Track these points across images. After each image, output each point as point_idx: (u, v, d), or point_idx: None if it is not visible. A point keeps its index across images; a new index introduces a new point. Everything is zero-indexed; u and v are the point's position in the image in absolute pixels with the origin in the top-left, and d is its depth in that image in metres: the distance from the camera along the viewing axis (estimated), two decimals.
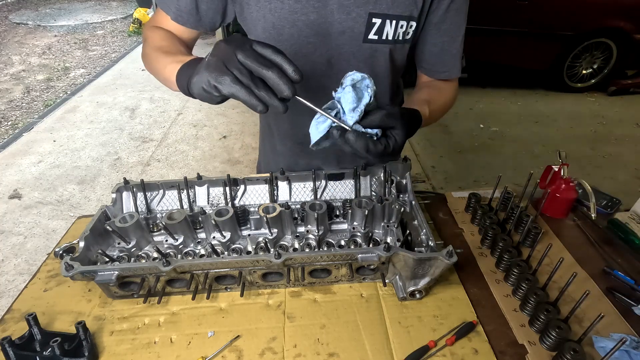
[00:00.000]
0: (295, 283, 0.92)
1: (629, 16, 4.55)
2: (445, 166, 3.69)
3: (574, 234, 1.10)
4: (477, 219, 1.12)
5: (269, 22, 0.95)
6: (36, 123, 4.36)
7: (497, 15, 4.54)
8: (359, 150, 0.71)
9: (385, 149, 0.73)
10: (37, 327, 0.77)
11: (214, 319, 0.86)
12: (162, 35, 0.99)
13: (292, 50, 0.98)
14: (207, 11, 0.98)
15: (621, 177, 3.55)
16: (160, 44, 0.96)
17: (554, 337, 0.75)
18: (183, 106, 4.73)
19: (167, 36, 0.99)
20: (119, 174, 3.51)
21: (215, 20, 1.01)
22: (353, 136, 0.70)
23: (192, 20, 0.99)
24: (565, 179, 1.12)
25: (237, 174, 1.07)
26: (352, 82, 0.74)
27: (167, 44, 0.96)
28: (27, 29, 7.69)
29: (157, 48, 0.95)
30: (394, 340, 0.80)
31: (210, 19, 1.00)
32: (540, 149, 3.94)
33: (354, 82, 0.74)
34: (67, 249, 0.98)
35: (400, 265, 0.85)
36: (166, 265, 0.81)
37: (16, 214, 3.04)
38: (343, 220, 1.04)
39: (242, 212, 1.01)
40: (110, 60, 6.21)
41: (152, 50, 0.95)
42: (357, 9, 0.92)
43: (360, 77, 0.74)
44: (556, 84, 5.11)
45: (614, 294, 0.91)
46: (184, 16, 0.98)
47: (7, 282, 2.46)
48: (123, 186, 1.03)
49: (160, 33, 1.00)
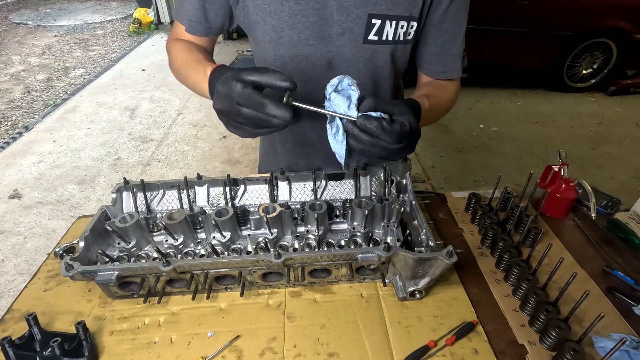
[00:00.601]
0: (295, 283, 0.92)
1: (628, 16, 4.55)
2: (445, 166, 3.68)
3: (574, 234, 1.10)
4: (477, 219, 1.12)
5: (268, 25, 0.95)
6: (36, 123, 4.36)
7: (497, 15, 4.54)
8: (376, 130, 0.69)
9: (401, 127, 0.71)
10: (37, 327, 0.77)
11: (214, 319, 0.86)
12: (181, 47, 1.04)
13: (292, 53, 0.98)
14: (215, 18, 1.01)
15: (621, 177, 3.55)
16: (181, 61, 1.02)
17: (554, 337, 0.75)
18: (183, 106, 4.73)
19: (185, 47, 1.04)
20: (119, 174, 3.51)
21: (224, 25, 1.04)
22: (364, 119, 0.69)
23: (203, 28, 1.03)
24: (565, 179, 1.12)
25: (237, 174, 1.07)
26: (332, 88, 0.75)
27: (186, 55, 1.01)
28: (27, 29, 7.69)
29: (181, 64, 1.02)
30: (394, 340, 0.80)
31: (219, 25, 1.04)
32: (540, 149, 3.94)
33: (334, 88, 0.75)
34: (67, 249, 0.98)
35: (400, 265, 0.85)
36: (166, 265, 0.81)
37: (16, 214, 3.04)
38: (343, 220, 1.04)
39: (242, 212, 1.01)
40: (110, 60, 6.21)
41: (179, 67, 1.03)
42: (357, 10, 0.92)
43: (337, 80, 0.76)
44: (556, 84, 5.11)
45: (614, 294, 0.91)
46: (194, 26, 1.03)
47: (7, 282, 2.46)
48: (123, 186, 1.03)
49: (179, 46, 1.05)
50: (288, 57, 0.99)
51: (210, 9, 0.99)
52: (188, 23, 1.03)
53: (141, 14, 7.49)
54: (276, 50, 0.99)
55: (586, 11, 4.52)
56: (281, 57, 1.00)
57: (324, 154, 1.19)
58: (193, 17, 1.01)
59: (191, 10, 1.00)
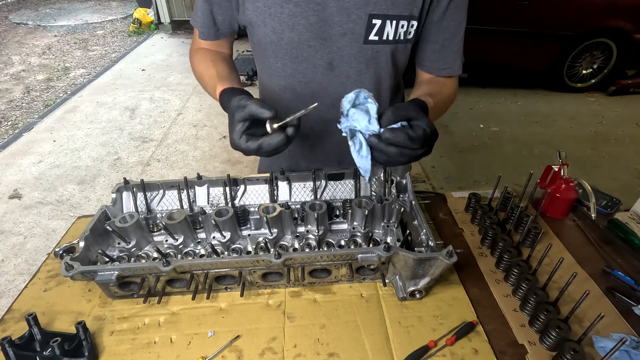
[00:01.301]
0: (295, 283, 0.92)
1: (629, 16, 4.55)
2: (445, 166, 3.68)
3: (574, 234, 1.10)
4: (477, 219, 1.12)
5: (268, 27, 0.95)
6: (36, 123, 4.36)
7: (497, 15, 4.54)
8: (403, 142, 0.72)
9: (424, 132, 0.74)
10: (37, 327, 0.77)
11: (214, 319, 0.86)
12: (199, 58, 1.09)
13: (293, 54, 0.98)
14: (222, 22, 1.04)
15: (621, 177, 3.55)
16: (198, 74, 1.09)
17: (554, 337, 0.75)
18: (183, 106, 4.73)
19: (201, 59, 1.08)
20: (119, 174, 3.51)
21: (233, 27, 1.07)
22: (390, 133, 0.72)
23: (212, 33, 1.06)
24: (565, 179, 1.12)
25: (237, 174, 1.07)
26: (350, 104, 0.76)
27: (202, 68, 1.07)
28: (27, 29, 7.69)
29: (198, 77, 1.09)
30: (394, 340, 0.80)
31: (227, 28, 1.06)
32: (540, 149, 3.94)
33: (352, 104, 0.76)
34: (67, 249, 0.98)
35: (400, 265, 0.85)
36: (166, 265, 0.81)
37: (16, 214, 3.04)
38: (343, 220, 1.04)
39: (242, 212, 1.01)
40: (110, 60, 6.21)
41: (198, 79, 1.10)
42: (357, 10, 0.92)
43: (354, 95, 0.76)
44: (556, 84, 5.11)
45: (614, 294, 0.91)
46: (205, 32, 1.07)
47: (7, 282, 2.46)
48: (123, 186, 1.03)
49: (197, 57, 1.10)
50: (288, 59, 1.00)
51: (218, 13, 1.02)
52: (200, 30, 1.07)
53: (141, 14, 7.49)
54: (277, 52, 0.99)
55: (586, 11, 4.52)
56: (282, 58, 1.00)
57: (324, 154, 1.19)
58: (203, 23, 1.05)
59: (201, 17, 1.04)
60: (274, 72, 1.04)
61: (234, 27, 1.06)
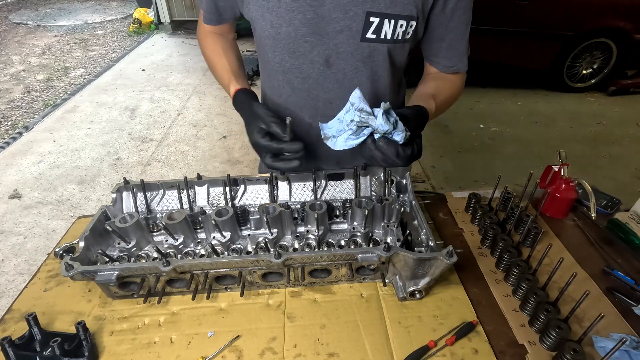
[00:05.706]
0: (295, 283, 0.92)
1: (628, 16, 4.55)
2: (445, 166, 3.68)
3: (574, 234, 1.10)
4: (477, 219, 1.12)
5: (267, 21, 0.96)
6: (36, 123, 4.36)
7: (497, 15, 4.53)
8: (391, 155, 0.81)
9: (412, 152, 0.83)
10: (37, 327, 0.77)
11: (214, 319, 0.86)
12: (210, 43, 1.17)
13: (290, 49, 0.99)
14: (224, 8, 1.10)
15: (621, 177, 3.55)
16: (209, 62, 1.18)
17: (554, 337, 0.75)
18: (183, 106, 4.73)
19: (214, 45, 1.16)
20: (119, 174, 3.51)
21: (235, 14, 1.11)
22: (384, 142, 0.81)
23: (215, 18, 1.13)
24: (565, 179, 1.12)
25: (237, 174, 1.07)
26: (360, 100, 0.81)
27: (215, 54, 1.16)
28: (27, 29, 7.69)
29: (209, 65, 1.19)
30: (394, 340, 0.80)
31: (229, 14, 1.12)
32: (540, 149, 3.94)
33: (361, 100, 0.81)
34: (67, 249, 0.98)
35: (400, 265, 0.85)
36: (166, 265, 0.81)
37: (16, 214, 3.04)
38: (343, 220, 1.04)
39: (242, 212, 1.01)
40: (110, 60, 6.21)
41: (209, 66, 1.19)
42: (355, 7, 0.92)
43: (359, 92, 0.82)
44: (556, 84, 5.11)
45: (614, 294, 0.91)
46: (207, 17, 1.13)
47: (7, 282, 2.46)
48: (123, 186, 1.03)
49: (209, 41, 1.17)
50: (286, 54, 1.01)
51: (219, 1, 1.08)
52: (204, 14, 1.13)
53: (141, 14, 7.49)
54: (275, 47, 1.01)
55: (586, 11, 4.51)
56: (280, 53, 1.01)
57: (324, 154, 1.19)
58: (207, 8, 1.11)
59: (205, 3, 1.11)
60: (273, 66, 1.06)
61: (235, 14, 1.11)
